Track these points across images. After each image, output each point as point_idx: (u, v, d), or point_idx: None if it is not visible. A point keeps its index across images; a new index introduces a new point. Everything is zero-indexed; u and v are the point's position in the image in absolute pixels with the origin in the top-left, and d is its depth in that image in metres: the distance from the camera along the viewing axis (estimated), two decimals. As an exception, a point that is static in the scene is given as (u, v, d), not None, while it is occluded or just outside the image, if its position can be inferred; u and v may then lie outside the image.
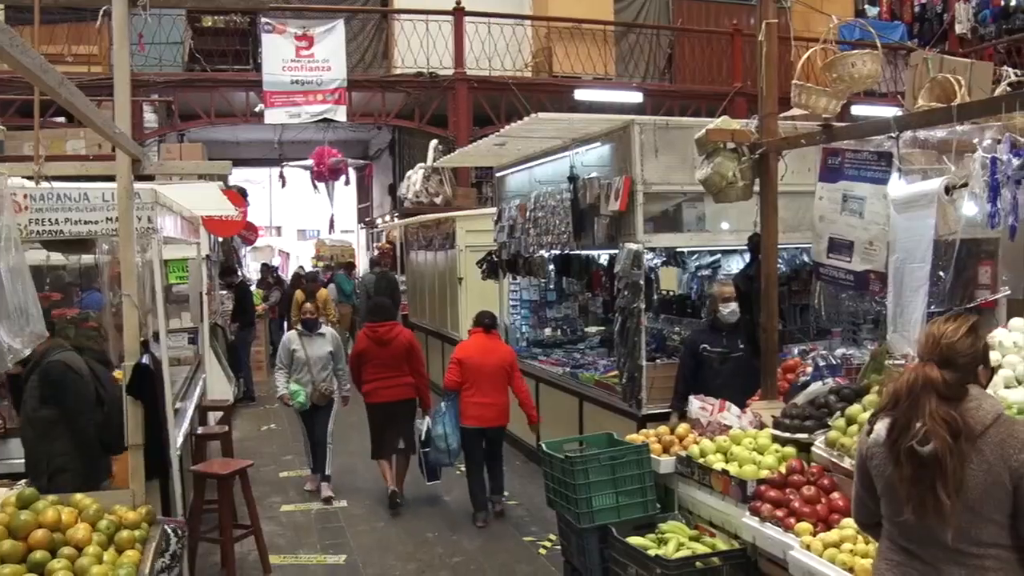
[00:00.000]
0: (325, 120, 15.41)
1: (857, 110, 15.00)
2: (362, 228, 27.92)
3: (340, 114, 15.30)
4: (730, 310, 6.63)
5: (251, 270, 23.84)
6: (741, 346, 6.65)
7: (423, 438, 8.03)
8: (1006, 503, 2.76)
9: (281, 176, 19.09)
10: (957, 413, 2.80)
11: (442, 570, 6.79)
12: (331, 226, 16.74)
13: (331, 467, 8.71)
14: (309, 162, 17.24)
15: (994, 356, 4.81)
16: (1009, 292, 5.62)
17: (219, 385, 10.63)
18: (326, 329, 8.84)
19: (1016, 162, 4.00)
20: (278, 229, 40.32)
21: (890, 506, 2.98)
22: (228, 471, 6.61)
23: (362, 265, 25.76)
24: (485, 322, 8.08)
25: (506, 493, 8.29)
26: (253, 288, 17.77)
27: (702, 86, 17.05)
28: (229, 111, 15.60)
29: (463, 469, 8.29)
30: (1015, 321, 5.07)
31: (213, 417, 9.25)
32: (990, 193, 4.11)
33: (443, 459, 7.98)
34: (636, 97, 16.16)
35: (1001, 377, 4.60)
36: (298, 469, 9.58)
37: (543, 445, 5.61)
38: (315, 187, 15.58)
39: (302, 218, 36.99)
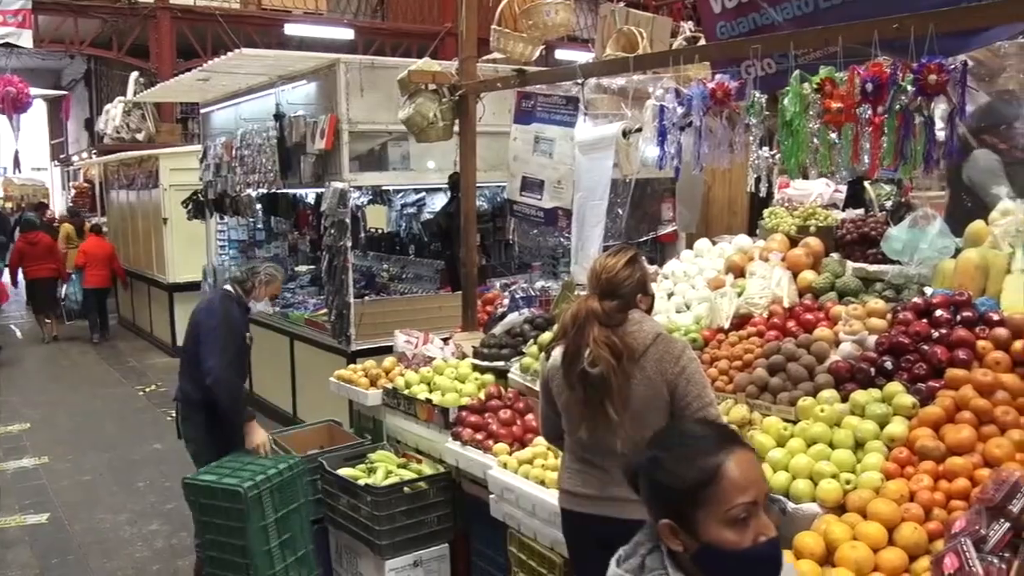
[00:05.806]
0: (7, 45, 14.08)
1: (561, 55, 15.70)
2: (56, 166, 25.87)
3: (25, 39, 14.02)
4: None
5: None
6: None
7: (63, 297, 14.06)
8: (665, 411, 3.13)
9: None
10: (618, 337, 3.13)
11: (155, 518, 6.62)
12: (16, 164, 15.41)
13: None
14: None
15: (667, 285, 5.36)
16: (677, 227, 6.23)
17: None
18: None
19: (680, 110, 4.42)
20: (-44, 166, 36.56)
21: (569, 424, 3.31)
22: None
23: (57, 207, 23.95)
24: (96, 229, 14.02)
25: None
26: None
27: (414, 25, 17.12)
28: None
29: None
30: (685, 253, 5.65)
31: None
32: (659, 138, 4.52)
33: (75, 307, 14.07)
34: (347, 34, 15.99)
35: (672, 304, 5.13)
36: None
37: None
38: (10, 121, 14.29)
39: (-15, 154, 33.75)
